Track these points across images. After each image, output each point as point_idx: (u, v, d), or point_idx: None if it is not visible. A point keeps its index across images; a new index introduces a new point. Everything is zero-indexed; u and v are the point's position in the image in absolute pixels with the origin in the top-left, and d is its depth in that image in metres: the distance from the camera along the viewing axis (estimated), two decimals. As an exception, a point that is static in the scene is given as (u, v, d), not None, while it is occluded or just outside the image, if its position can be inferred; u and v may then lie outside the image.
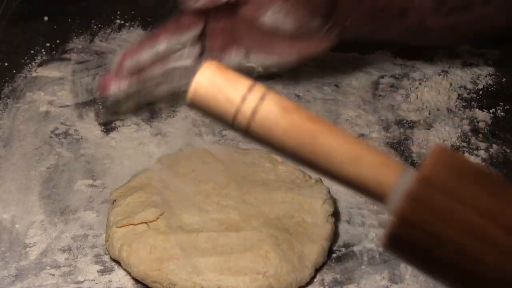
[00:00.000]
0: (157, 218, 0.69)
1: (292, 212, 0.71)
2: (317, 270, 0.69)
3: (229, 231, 0.68)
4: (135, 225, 0.69)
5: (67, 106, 0.89)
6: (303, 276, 0.67)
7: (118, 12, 1.06)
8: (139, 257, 0.67)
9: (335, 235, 0.71)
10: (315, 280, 0.68)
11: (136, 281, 0.68)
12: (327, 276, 0.69)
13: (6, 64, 0.96)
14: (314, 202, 0.71)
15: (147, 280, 0.66)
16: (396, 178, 0.42)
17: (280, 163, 0.76)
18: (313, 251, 0.68)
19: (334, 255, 0.70)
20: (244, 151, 0.78)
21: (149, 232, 0.68)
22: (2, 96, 0.90)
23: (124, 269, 0.68)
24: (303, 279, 0.67)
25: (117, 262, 0.69)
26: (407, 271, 0.69)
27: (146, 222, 0.69)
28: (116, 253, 0.68)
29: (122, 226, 0.69)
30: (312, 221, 0.70)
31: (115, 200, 0.73)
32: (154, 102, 0.85)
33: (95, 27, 1.03)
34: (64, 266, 0.69)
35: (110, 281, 0.68)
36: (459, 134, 0.84)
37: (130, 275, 0.68)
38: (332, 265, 0.70)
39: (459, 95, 0.90)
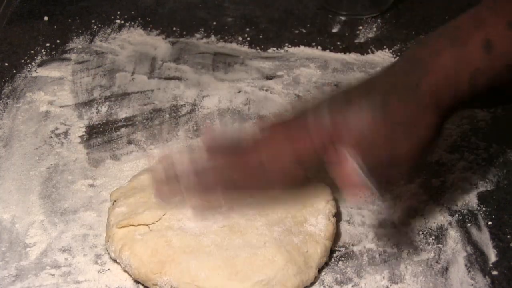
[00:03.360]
0: (159, 220, 0.69)
1: (294, 212, 0.70)
2: (318, 271, 0.68)
3: (233, 234, 0.68)
4: (135, 226, 0.69)
5: (67, 106, 0.89)
6: (308, 277, 0.67)
7: (118, 12, 1.06)
8: (140, 260, 0.66)
9: (335, 235, 0.71)
10: (315, 280, 0.68)
11: (137, 281, 0.68)
12: (327, 276, 0.68)
13: (6, 64, 0.96)
14: (317, 202, 0.71)
15: (148, 282, 0.66)
16: None
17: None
18: (317, 251, 0.68)
19: (334, 255, 0.70)
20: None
21: (151, 234, 0.68)
22: (2, 96, 0.90)
23: (124, 270, 0.68)
24: (308, 280, 0.67)
25: (117, 262, 0.69)
26: (407, 271, 0.68)
27: (147, 224, 0.69)
28: (116, 254, 0.68)
29: (122, 227, 0.69)
30: (315, 221, 0.70)
31: (115, 200, 0.73)
32: None
33: (95, 27, 1.03)
34: (64, 266, 0.69)
35: (110, 281, 0.68)
36: (459, 133, 0.84)
37: (130, 275, 0.68)
38: (332, 265, 0.70)
39: (459, 94, 0.89)
